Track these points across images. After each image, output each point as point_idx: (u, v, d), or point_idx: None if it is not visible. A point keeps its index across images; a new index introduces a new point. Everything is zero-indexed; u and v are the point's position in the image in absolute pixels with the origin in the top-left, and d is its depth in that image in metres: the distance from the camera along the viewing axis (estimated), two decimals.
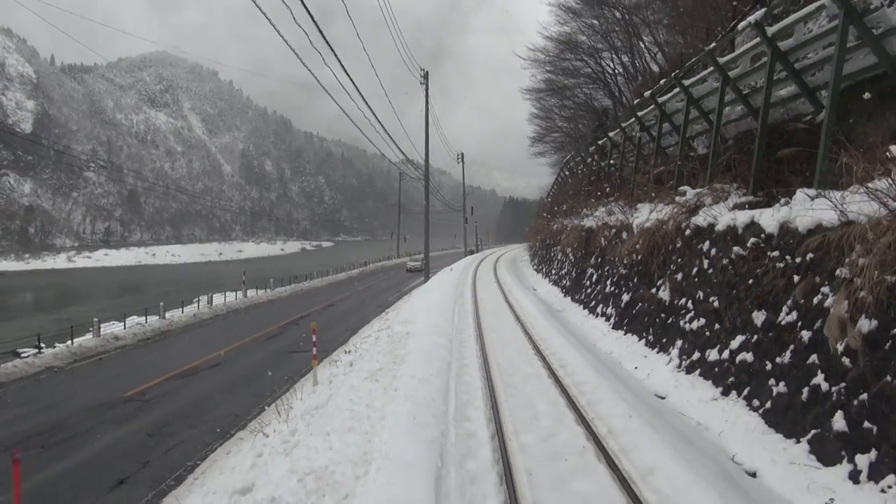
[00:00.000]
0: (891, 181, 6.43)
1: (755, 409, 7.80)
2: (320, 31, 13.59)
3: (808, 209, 7.80)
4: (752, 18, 10.28)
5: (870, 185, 6.67)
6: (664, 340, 11.58)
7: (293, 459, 6.89)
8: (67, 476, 8.72)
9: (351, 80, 17.82)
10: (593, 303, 17.60)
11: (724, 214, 10.74)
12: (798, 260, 7.71)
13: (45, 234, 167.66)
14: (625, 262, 15.19)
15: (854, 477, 5.61)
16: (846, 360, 6.18)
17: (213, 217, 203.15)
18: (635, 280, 14.34)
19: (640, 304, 13.64)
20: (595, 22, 35.84)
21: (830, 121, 8.94)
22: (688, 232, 11.94)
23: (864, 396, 5.76)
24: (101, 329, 19.81)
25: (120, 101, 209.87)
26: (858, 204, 6.73)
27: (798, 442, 6.66)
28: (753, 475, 6.56)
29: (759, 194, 10.67)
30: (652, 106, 16.41)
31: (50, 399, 13.11)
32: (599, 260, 18.38)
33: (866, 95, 9.15)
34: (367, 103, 20.15)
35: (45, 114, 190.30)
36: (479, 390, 9.70)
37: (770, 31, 10.23)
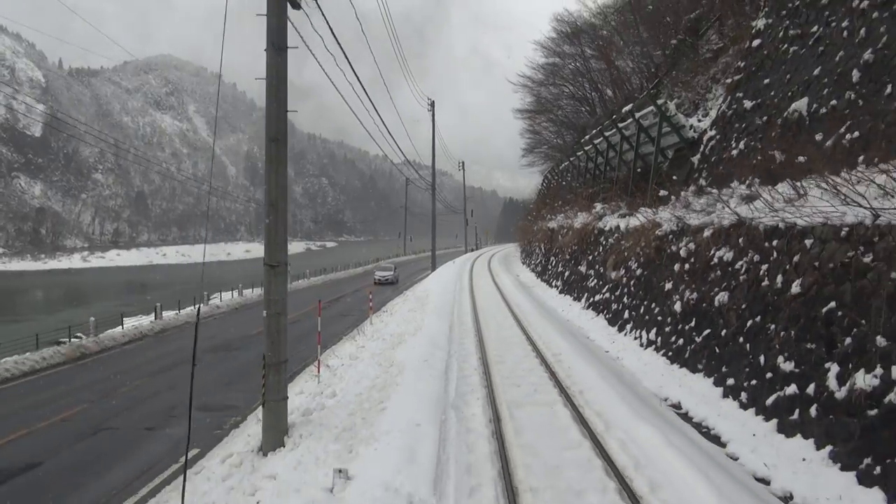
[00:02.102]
0: (661, 208, 15.10)
1: (603, 315, 16.51)
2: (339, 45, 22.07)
3: (634, 218, 16.49)
4: (623, 110, 18.97)
5: (660, 207, 15.32)
6: (577, 293, 20.34)
7: (382, 334, 15.59)
8: (245, 363, 16.98)
9: (363, 89, 26.07)
10: (551, 279, 26.38)
11: (610, 220, 19.43)
12: (618, 242, 16.45)
13: (56, 235, 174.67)
14: (567, 251, 23.91)
15: (613, 325, 14.35)
16: (614, 277, 14.92)
17: (218, 218, 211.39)
18: (571, 262, 23.07)
19: (573, 277, 22.36)
20: (572, 50, 44.38)
21: (654, 169, 17.71)
22: (595, 231, 20.63)
23: (620, 294, 14.47)
24: (207, 302, 28.61)
25: (126, 104, 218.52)
26: (658, 215, 15.38)
27: (577, 301, 15.40)
28: (588, 339, 15.23)
29: (628, 208, 19.36)
30: (589, 147, 25.15)
31: (212, 332, 21.80)
32: (556, 251, 27.10)
33: (670, 154, 17.89)
34: (376, 110, 28.35)
35: (54, 117, 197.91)
36: (469, 314, 18.42)
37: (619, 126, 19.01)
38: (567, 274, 23.37)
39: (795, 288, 8.34)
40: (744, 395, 8.95)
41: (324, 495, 5.84)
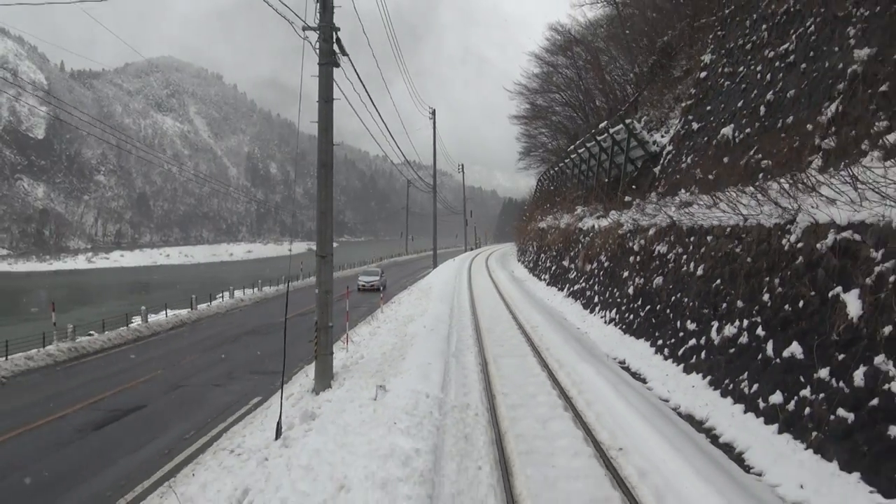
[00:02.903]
0: (625, 211, 18.44)
1: (579, 301, 19.86)
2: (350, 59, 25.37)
3: (606, 220, 19.84)
4: (600, 128, 22.33)
5: (625, 210, 18.65)
6: (561, 285, 23.71)
7: (394, 317, 18.95)
8: (278, 342, 20.24)
9: (367, 93, 29.37)
10: (540, 273, 29.75)
11: (588, 221, 22.78)
12: (593, 240, 19.81)
13: (59, 236, 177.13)
14: (553, 248, 27.27)
15: (586, 308, 17.71)
16: (588, 269, 18.27)
17: (219, 219, 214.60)
18: (557, 258, 26.42)
19: (558, 270, 25.71)
20: (565, 61, 47.70)
21: (623, 177, 21.04)
22: (576, 230, 23.98)
23: (592, 283, 17.81)
24: (233, 295, 31.98)
25: (128, 106, 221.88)
26: (622, 217, 18.72)
27: (560, 290, 18.78)
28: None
29: (604, 211, 22.70)
30: (574, 155, 28.49)
31: (241, 321, 25.15)
32: (545, 248, 30.46)
33: (639, 164, 21.24)
34: (378, 112, 31.58)
35: (56, 119, 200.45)
36: (467, 301, 21.78)
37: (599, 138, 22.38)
38: (553, 268, 26.73)
39: (700, 271, 11.71)
40: (666, 351, 12.30)
41: (370, 400, 9.18)
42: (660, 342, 12.81)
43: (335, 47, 11.55)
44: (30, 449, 10.49)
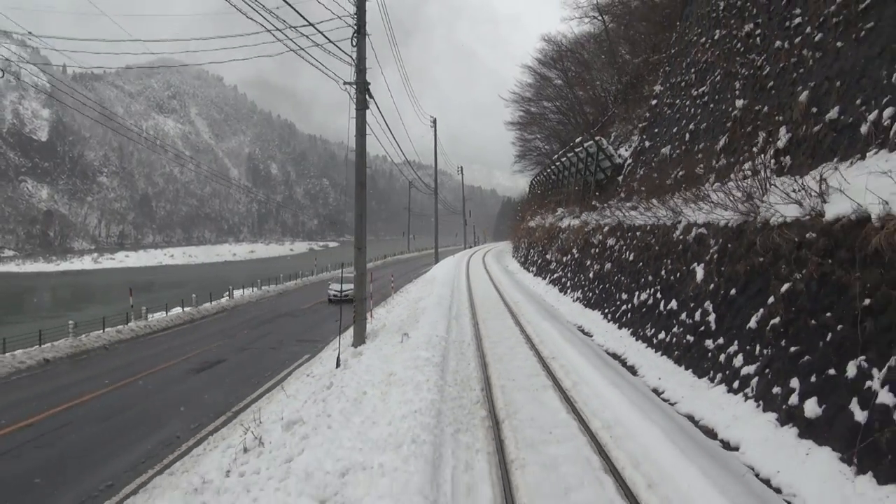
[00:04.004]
0: (592, 213, 23.16)
1: (556, 287, 24.59)
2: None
3: (578, 220, 24.57)
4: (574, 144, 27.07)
5: (592, 212, 23.37)
6: (544, 275, 28.50)
7: (405, 299, 23.70)
8: (309, 322, 24.93)
9: (376, 103, 34.05)
10: (529, 266, 34.53)
11: (566, 220, 27.52)
12: (568, 237, 24.56)
13: (63, 237, 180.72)
14: (539, 244, 32.02)
15: (561, 292, 22.47)
16: (564, 260, 23.02)
17: (221, 219, 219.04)
18: (542, 252, 31.17)
19: (542, 263, 30.46)
20: (557, 73, 52.44)
21: (593, 185, 25.78)
22: (557, 229, 28.70)
23: (566, 272, 22.56)
24: (259, 287, 36.73)
25: (130, 108, 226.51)
26: (588, 218, 23.46)
27: (543, 279, 23.54)
28: (557, 311, 23.31)
29: (578, 212, 27.44)
30: (559, 163, 33.22)
31: (272, 307, 29.98)
32: (533, 244, 35.19)
33: (609, 172, 25.99)
34: (381, 113, 36.38)
35: (59, 122, 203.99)
36: (465, 287, 26.51)
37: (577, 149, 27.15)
38: (539, 261, 31.49)
39: (631, 257, 16.45)
40: (609, 316, 17.01)
41: (398, 343, 13.90)
42: (606, 311, 17.53)
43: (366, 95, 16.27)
44: (158, 383, 15.21)
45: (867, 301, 6.47)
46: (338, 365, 13.54)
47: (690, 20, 21.78)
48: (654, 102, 23.47)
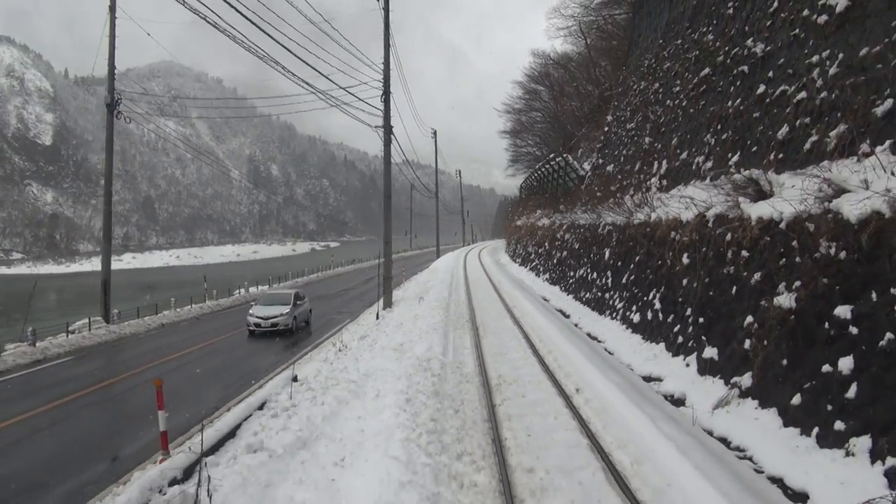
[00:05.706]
0: (558, 214, 30.62)
1: (534, 272, 32.02)
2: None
3: (550, 220, 32.04)
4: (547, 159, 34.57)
5: (558, 214, 30.79)
6: (527, 264, 36.03)
7: (416, 283, 31.22)
8: (339, 303, 32.14)
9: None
10: (516, 259, 42.12)
11: (543, 220, 34.99)
12: (543, 233, 32.08)
13: (69, 240, 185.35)
14: (524, 240, 39.52)
15: (537, 276, 29.98)
16: (539, 252, 30.55)
17: (223, 221, 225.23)
18: (525, 246, 38.65)
19: (525, 255, 37.95)
20: (543, 88, 59.94)
21: (563, 191, 33.33)
22: (536, 227, 36.15)
23: (540, 261, 30.09)
24: (289, 278, 44.14)
25: (130, 111, 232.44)
26: (555, 218, 30.89)
27: (525, 267, 31.05)
28: (530, 288, 30.78)
29: (550, 214, 34.92)
30: (538, 172, 40.74)
31: (316, 289, 37.47)
32: (520, 240, 42.66)
33: (576, 181, 33.51)
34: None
35: (63, 126, 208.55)
36: (462, 275, 33.99)
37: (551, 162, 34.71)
38: (523, 254, 38.99)
39: (577, 246, 23.91)
40: (564, 288, 24.42)
41: (416, 304, 21.36)
42: (562, 285, 24.98)
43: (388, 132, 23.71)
44: (227, 345, 22.33)
45: (643, 256, 13.96)
46: (377, 318, 20.97)
47: (630, 69, 29.23)
48: (606, 129, 30.89)
